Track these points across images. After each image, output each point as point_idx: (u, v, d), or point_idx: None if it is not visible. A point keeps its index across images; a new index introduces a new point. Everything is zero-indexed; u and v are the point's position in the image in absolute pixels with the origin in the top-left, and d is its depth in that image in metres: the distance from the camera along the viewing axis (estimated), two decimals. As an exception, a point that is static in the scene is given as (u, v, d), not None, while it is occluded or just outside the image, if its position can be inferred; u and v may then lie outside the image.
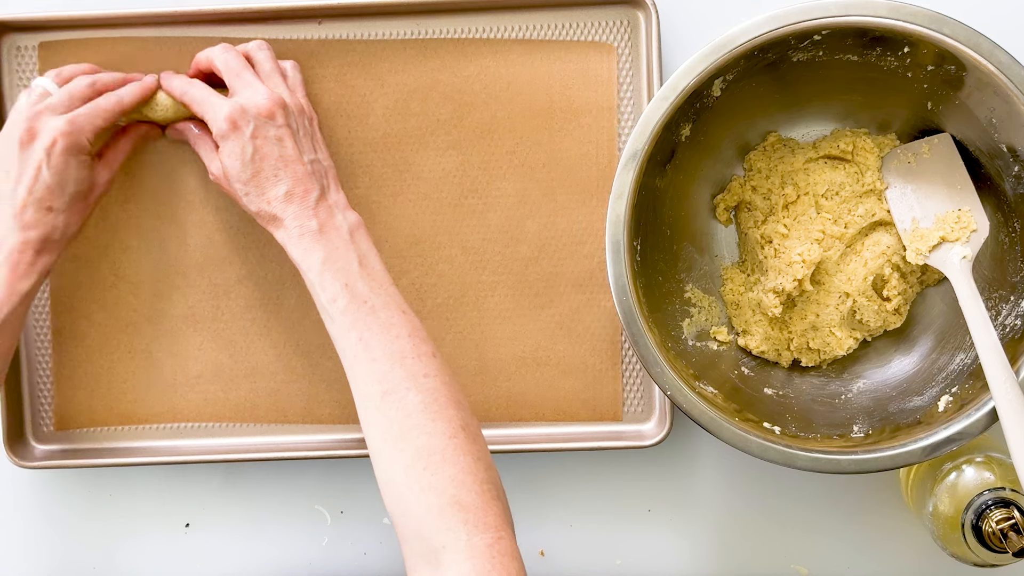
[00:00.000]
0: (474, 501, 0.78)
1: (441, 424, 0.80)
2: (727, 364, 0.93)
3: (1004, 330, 0.88)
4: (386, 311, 0.84)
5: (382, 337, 0.83)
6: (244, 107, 0.86)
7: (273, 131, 0.86)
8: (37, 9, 0.96)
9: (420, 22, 0.95)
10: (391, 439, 0.81)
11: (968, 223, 0.90)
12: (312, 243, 0.85)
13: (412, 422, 0.80)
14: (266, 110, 0.86)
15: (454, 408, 0.82)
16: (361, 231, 0.87)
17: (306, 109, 0.90)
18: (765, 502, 0.99)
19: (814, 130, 0.95)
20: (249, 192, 0.86)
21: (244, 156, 0.86)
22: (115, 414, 0.97)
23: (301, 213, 0.85)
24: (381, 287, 0.85)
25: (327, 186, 0.87)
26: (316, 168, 0.87)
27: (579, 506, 0.99)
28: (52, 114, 0.87)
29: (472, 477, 0.79)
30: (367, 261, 0.86)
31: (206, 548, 1.00)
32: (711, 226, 0.97)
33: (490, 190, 0.96)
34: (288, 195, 0.86)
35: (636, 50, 0.95)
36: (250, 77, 0.88)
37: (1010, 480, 0.86)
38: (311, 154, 0.88)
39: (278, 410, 0.97)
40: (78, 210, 0.89)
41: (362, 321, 0.83)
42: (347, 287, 0.84)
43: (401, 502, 0.79)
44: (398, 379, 0.82)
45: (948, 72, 0.86)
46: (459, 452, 0.79)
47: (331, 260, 0.85)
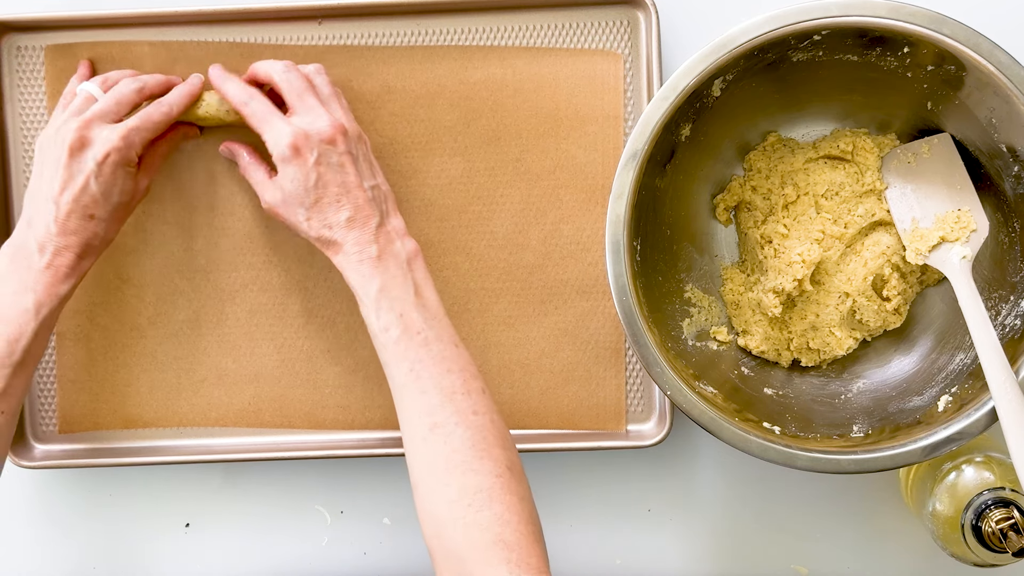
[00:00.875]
0: (518, 540, 0.77)
1: (488, 463, 0.80)
2: (727, 364, 0.93)
3: (1004, 330, 0.88)
4: (439, 344, 0.84)
5: (433, 370, 0.83)
6: (308, 132, 0.86)
7: (336, 157, 0.86)
8: (38, 9, 0.96)
9: (420, 22, 0.95)
10: (437, 473, 0.80)
11: (968, 223, 0.90)
12: (370, 270, 0.85)
13: (459, 458, 0.80)
14: (328, 136, 0.86)
15: (501, 448, 0.82)
16: (418, 260, 0.87)
17: (363, 135, 0.89)
18: (765, 502, 0.99)
19: (814, 130, 0.95)
20: (311, 218, 0.86)
21: (307, 182, 0.86)
22: (119, 418, 0.97)
23: (361, 239, 0.85)
24: (435, 318, 0.85)
25: (386, 212, 0.87)
26: (376, 194, 0.87)
27: (579, 506, 0.99)
28: (102, 122, 0.87)
29: (517, 517, 0.79)
30: (423, 291, 0.86)
31: (206, 548, 1.00)
32: (711, 226, 0.97)
33: (495, 197, 0.96)
34: (350, 221, 0.85)
35: (636, 50, 0.95)
36: (312, 101, 0.88)
37: (1010, 480, 0.86)
38: (371, 180, 0.87)
39: (282, 415, 0.97)
40: (119, 218, 0.89)
41: (414, 352, 0.83)
42: (401, 317, 0.84)
43: (442, 537, 0.79)
44: (448, 413, 0.82)
45: (948, 72, 0.86)
46: (505, 491, 0.79)
47: (387, 288, 0.84)
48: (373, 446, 0.96)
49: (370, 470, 0.99)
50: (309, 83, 0.89)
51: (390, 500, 0.99)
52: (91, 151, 0.86)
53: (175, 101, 0.90)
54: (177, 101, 0.90)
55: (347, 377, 0.96)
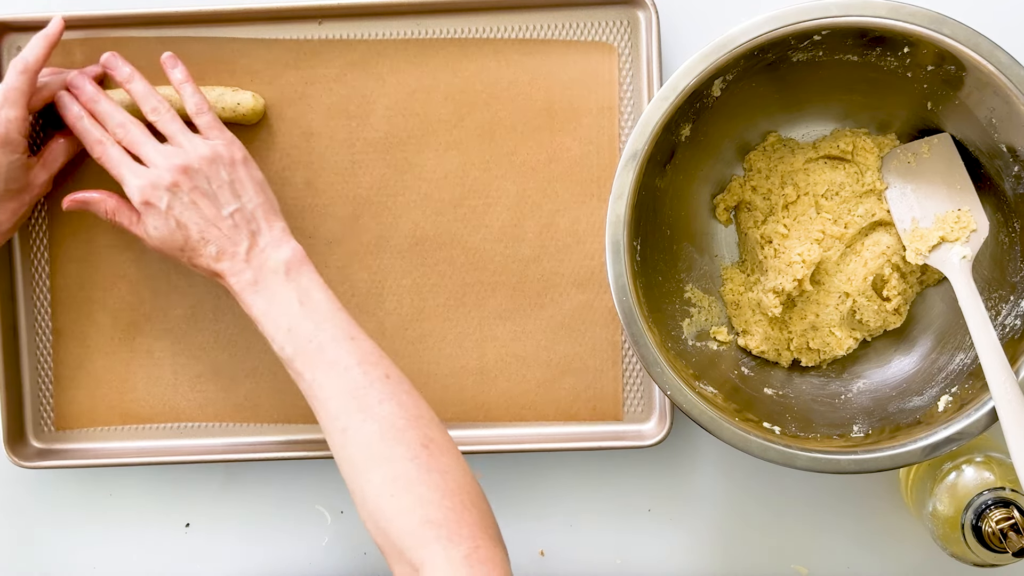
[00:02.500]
0: (444, 516, 0.78)
1: (400, 448, 0.81)
2: (727, 364, 0.93)
3: (1004, 330, 0.88)
4: (333, 345, 0.84)
5: (330, 374, 0.84)
6: (153, 183, 0.86)
7: (186, 197, 0.86)
8: (38, 9, 0.96)
9: (420, 22, 0.95)
10: (358, 471, 0.81)
11: (968, 223, 0.90)
12: (252, 295, 0.86)
13: (372, 452, 0.81)
14: (169, 183, 0.86)
15: (413, 428, 0.82)
16: (298, 264, 0.87)
17: (221, 151, 0.88)
18: (765, 502, 0.99)
19: (814, 130, 0.95)
20: (189, 258, 0.88)
21: (169, 228, 0.87)
22: (116, 414, 0.97)
23: (234, 268, 0.86)
24: (326, 319, 0.85)
25: (257, 230, 0.87)
26: (240, 218, 0.87)
27: (579, 506, 0.99)
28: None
29: (439, 493, 0.79)
30: (308, 297, 0.86)
31: (206, 548, 1.00)
32: (711, 226, 0.97)
33: (491, 190, 0.96)
34: (220, 254, 0.87)
35: (636, 50, 0.95)
36: (150, 149, 0.88)
37: (1010, 480, 0.86)
38: (231, 204, 0.87)
39: (279, 410, 0.97)
40: (10, 209, 0.89)
41: (311, 362, 0.84)
42: (291, 331, 0.85)
43: (379, 530, 0.80)
44: (352, 412, 0.82)
45: (948, 72, 0.86)
46: (422, 471, 0.80)
47: (271, 307, 0.85)
48: (373, 446, 0.96)
49: (370, 470, 0.98)
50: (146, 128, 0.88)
51: (390, 500, 0.99)
52: None
53: (27, 56, 0.88)
54: (29, 55, 0.88)
55: None
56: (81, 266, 0.96)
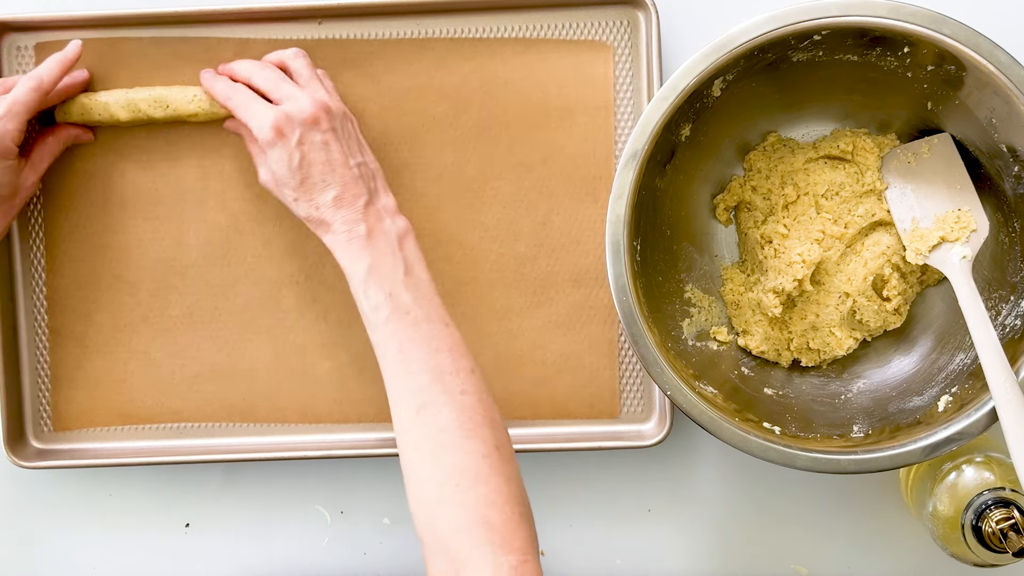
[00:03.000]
0: (503, 521, 0.77)
1: (475, 443, 0.80)
2: (727, 364, 0.93)
3: (1004, 330, 0.88)
4: (428, 324, 0.84)
5: (422, 350, 0.83)
6: (289, 114, 0.86)
7: (319, 136, 0.86)
8: (37, 9, 0.96)
9: (421, 22, 0.95)
10: (425, 454, 0.80)
11: (968, 223, 0.90)
12: (359, 250, 0.85)
13: (447, 438, 0.80)
14: (311, 116, 0.86)
15: (489, 427, 0.81)
16: (409, 238, 0.87)
17: (348, 114, 0.90)
18: (765, 502, 0.99)
19: (814, 130, 0.95)
20: (298, 198, 0.87)
21: (291, 163, 0.86)
22: (113, 414, 0.97)
23: (349, 218, 0.86)
24: (425, 298, 0.85)
25: (375, 189, 0.87)
26: (364, 171, 0.87)
27: (579, 506, 0.99)
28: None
29: (503, 498, 0.78)
30: (413, 270, 0.86)
31: (206, 548, 1.00)
32: (711, 226, 0.97)
33: (487, 188, 0.96)
34: (337, 200, 0.86)
35: (636, 50, 0.95)
36: (289, 87, 0.88)
37: (1010, 480, 0.86)
38: (357, 157, 0.88)
39: (276, 410, 0.97)
40: (1, 212, 0.89)
41: (403, 332, 0.83)
42: (391, 296, 0.84)
43: (430, 519, 0.79)
44: (435, 393, 0.82)
45: (948, 72, 0.86)
46: (492, 472, 0.79)
47: (377, 268, 0.85)
48: (373, 446, 0.96)
49: (370, 470, 0.98)
50: (285, 71, 0.90)
51: (390, 500, 0.99)
52: None
53: (44, 73, 0.89)
54: (46, 73, 0.89)
55: (341, 371, 0.96)
56: (78, 266, 0.96)
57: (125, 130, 0.95)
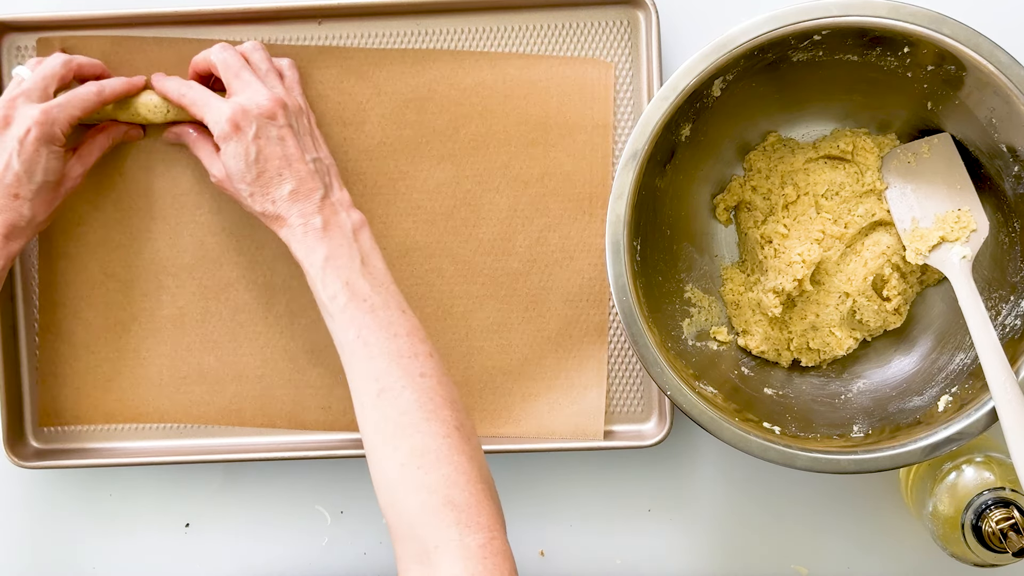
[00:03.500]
0: (467, 500, 0.78)
1: (436, 424, 0.80)
2: (727, 364, 0.93)
3: (1004, 330, 0.88)
4: (385, 310, 0.84)
5: (380, 335, 0.83)
6: (245, 108, 0.86)
7: (275, 131, 0.86)
8: (37, 9, 0.96)
9: (421, 23, 0.95)
10: (386, 437, 0.81)
11: (968, 223, 0.90)
12: (315, 241, 0.85)
13: (407, 420, 0.81)
14: (267, 110, 0.86)
15: (449, 408, 0.82)
16: (364, 230, 0.87)
17: (304, 108, 0.90)
18: (765, 502, 0.99)
19: (814, 130, 0.95)
20: (254, 193, 0.87)
21: (248, 157, 0.86)
22: (100, 412, 0.97)
23: (305, 211, 0.86)
24: (382, 286, 0.85)
25: (330, 184, 0.88)
26: (319, 166, 0.88)
27: (579, 506, 0.99)
28: (27, 100, 0.88)
29: (465, 477, 0.79)
30: (369, 260, 0.86)
31: (206, 548, 1.00)
32: (711, 226, 0.97)
33: (483, 203, 0.96)
34: (293, 194, 0.86)
35: (636, 51, 0.95)
36: (249, 76, 0.89)
37: (1010, 480, 0.86)
38: (313, 152, 0.88)
39: (264, 414, 0.97)
40: (46, 200, 0.89)
41: (361, 319, 0.84)
42: (347, 285, 0.84)
43: (395, 502, 0.79)
44: (395, 377, 0.82)
45: (948, 72, 0.86)
46: (453, 451, 0.80)
47: (333, 258, 0.85)
48: (373, 446, 0.96)
49: (370, 470, 0.98)
50: (245, 60, 0.90)
51: (390, 500, 0.99)
52: (13, 128, 0.87)
53: (108, 85, 0.90)
54: (111, 85, 0.90)
55: (329, 378, 0.96)
56: (69, 263, 0.96)
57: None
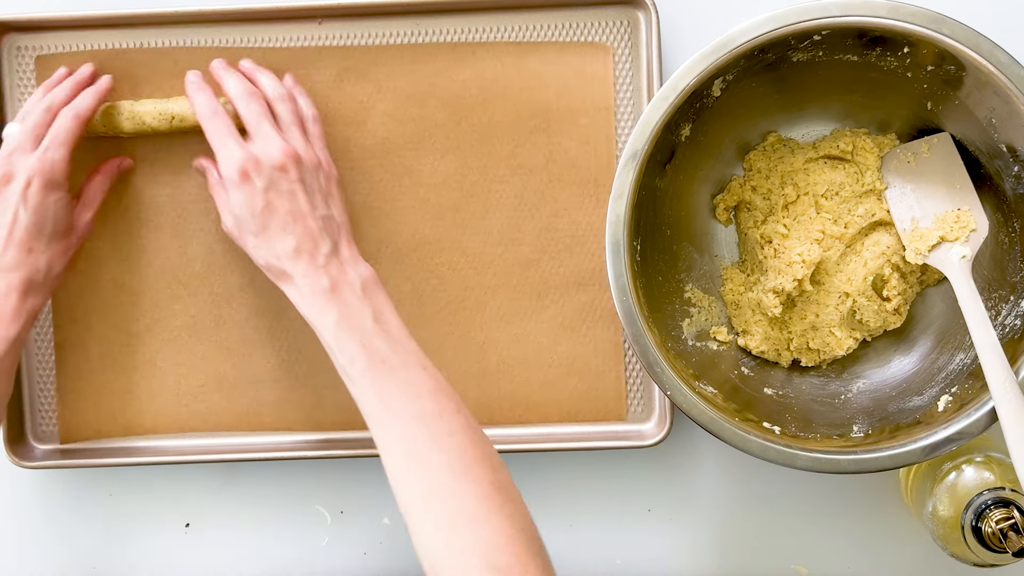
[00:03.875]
0: (509, 563, 0.75)
1: (468, 484, 0.78)
2: (727, 364, 0.93)
3: (1004, 330, 0.88)
4: (405, 370, 0.82)
5: (403, 397, 0.81)
6: (258, 159, 0.85)
7: (285, 185, 0.86)
8: (37, 9, 0.96)
9: (421, 22, 0.95)
10: (420, 501, 0.79)
11: (967, 223, 0.90)
12: (324, 302, 0.84)
13: (439, 483, 0.78)
14: (279, 163, 0.85)
15: (482, 466, 0.79)
16: (374, 285, 0.85)
17: (323, 164, 0.89)
18: (765, 502, 0.99)
19: (814, 130, 0.95)
20: (258, 245, 0.86)
21: (254, 208, 0.85)
22: (119, 426, 0.97)
23: (311, 271, 0.84)
24: (399, 343, 0.84)
25: (338, 242, 0.86)
26: (328, 224, 0.86)
27: (579, 506, 0.99)
28: (22, 154, 0.88)
29: (506, 538, 0.76)
30: (382, 317, 0.84)
31: (206, 548, 1.00)
32: (711, 226, 0.97)
33: (489, 193, 0.96)
34: (297, 250, 0.85)
35: (636, 50, 0.95)
36: (268, 128, 0.87)
37: (1010, 480, 0.86)
38: (324, 210, 0.87)
39: (282, 418, 0.97)
40: (60, 250, 0.89)
41: (381, 381, 0.82)
42: (364, 347, 0.82)
43: (436, 568, 0.77)
44: (421, 440, 0.80)
45: (948, 72, 0.86)
46: (491, 512, 0.77)
47: (345, 319, 0.83)
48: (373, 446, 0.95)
49: (370, 470, 0.98)
50: (268, 109, 0.89)
51: (390, 500, 0.98)
52: (14, 183, 0.87)
53: (80, 104, 0.90)
54: (83, 103, 0.90)
55: None
56: (82, 277, 0.96)
57: (127, 141, 0.95)
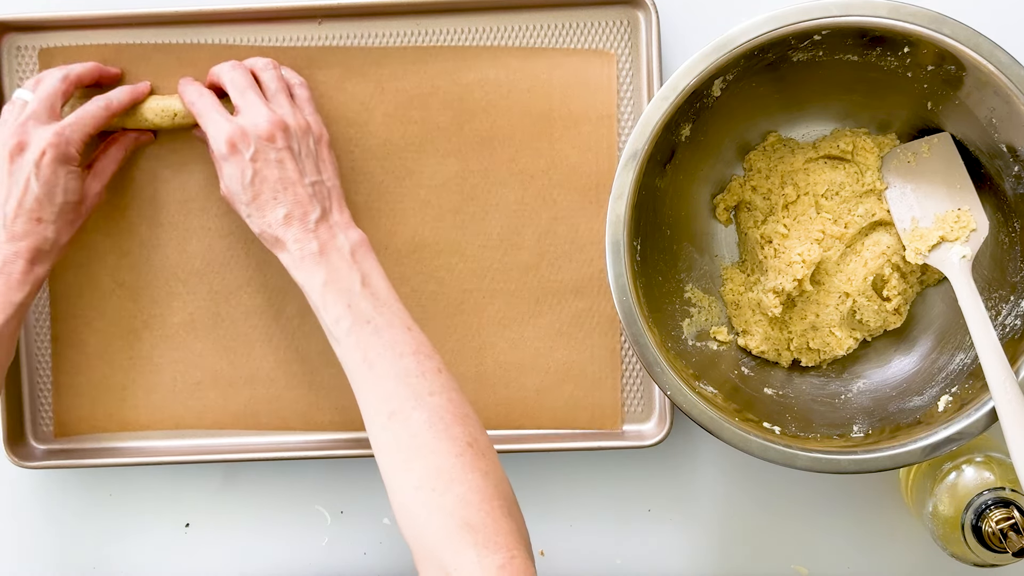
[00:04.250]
0: (483, 520, 0.76)
1: (446, 442, 0.80)
2: (727, 364, 0.93)
3: (1004, 330, 0.88)
4: (390, 330, 0.84)
5: (386, 356, 0.83)
6: (244, 129, 0.86)
7: (273, 154, 0.86)
8: (38, 9, 0.96)
9: (421, 23, 0.95)
10: (399, 460, 0.80)
11: (968, 222, 0.90)
12: (313, 265, 0.85)
13: (418, 441, 0.80)
14: (266, 132, 0.86)
15: (460, 425, 0.81)
16: (364, 249, 0.87)
17: (313, 128, 0.89)
18: (765, 502, 0.99)
19: (814, 130, 0.95)
20: (251, 214, 0.87)
21: (244, 179, 0.86)
22: (115, 421, 0.97)
23: (301, 235, 0.86)
24: (385, 305, 0.85)
25: (329, 207, 0.87)
26: (318, 190, 0.87)
27: (579, 506, 0.99)
28: (37, 123, 0.88)
29: (480, 495, 0.78)
30: (370, 280, 0.86)
31: (206, 548, 1.00)
32: (711, 226, 0.97)
33: (490, 197, 0.96)
34: (288, 217, 0.86)
35: (636, 50, 0.95)
36: (253, 97, 0.88)
37: (1010, 480, 0.86)
38: (313, 175, 0.88)
39: (279, 417, 0.97)
40: (68, 220, 0.89)
41: (366, 341, 0.83)
42: (350, 307, 0.84)
43: (413, 525, 0.78)
44: (403, 398, 0.81)
45: (948, 72, 0.86)
46: (466, 470, 0.79)
47: (333, 281, 0.85)
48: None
49: (370, 470, 0.98)
50: (253, 80, 0.90)
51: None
52: (28, 153, 0.87)
53: (115, 96, 0.91)
54: (117, 97, 0.91)
55: (343, 378, 0.95)
56: (79, 272, 0.96)
57: None
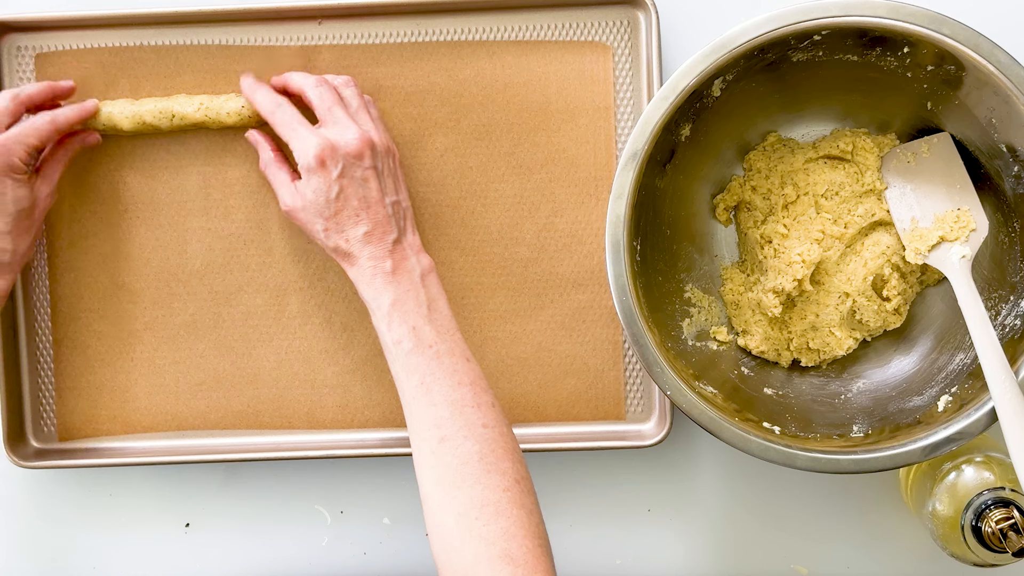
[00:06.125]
0: (524, 556, 0.77)
1: (496, 476, 0.80)
2: (727, 364, 0.93)
3: (1004, 330, 0.88)
4: (450, 358, 0.85)
5: (444, 383, 0.84)
6: (335, 145, 0.86)
7: (360, 172, 0.87)
8: (38, 9, 0.96)
9: (420, 22, 0.95)
10: (444, 485, 0.81)
11: (967, 222, 0.90)
12: (384, 284, 0.86)
13: (467, 471, 0.81)
14: (355, 150, 0.87)
15: (510, 461, 0.82)
16: (432, 275, 0.88)
17: (391, 148, 0.90)
18: (765, 502, 0.99)
19: (814, 130, 0.95)
20: (329, 229, 0.87)
21: (329, 194, 0.86)
22: (118, 423, 0.97)
23: (376, 253, 0.86)
24: (447, 332, 0.86)
25: (404, 228, 0.88)
26: (396, 210, 0.88)
27: (579, 506, 0.99)
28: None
29: (523, 531, 0.79)
30: (436, 305, 0.87)
31: (206, 548, 1.00)
32: (711, 226, 0.97)
33: (488, 192, 0.96)
34: (367, 236, 0.86)
35: (636, 50, 0.95)
36: (341, 113, 0.89)
37: (1010, 480, 0.86)
38: (393, 195, 0.88)
39: (281, 416, 0.97)
40: (24, 228, 0.89)
41: (425, 365, 0.84)
42: (414, 330, 0.85)
43: (449, 550, 0.79)
44: (457, 427, 0.82)
45: (948, 72, 0.86)
46: (512, 505, 0.79)
47: (401, 303, 0.85)
48: (373, 446, 0.96)
49: (370, 470, 0.99)
50: (338, 96, 0.90)
51: (390, 500, 0.99)
52: None
53: (62, 114, 0.90)
54: (64, 114, 0.91)
55: (345, 377, 0.97)
56: (80, 275, 0.96)
57: (127, 139, 0.95)
